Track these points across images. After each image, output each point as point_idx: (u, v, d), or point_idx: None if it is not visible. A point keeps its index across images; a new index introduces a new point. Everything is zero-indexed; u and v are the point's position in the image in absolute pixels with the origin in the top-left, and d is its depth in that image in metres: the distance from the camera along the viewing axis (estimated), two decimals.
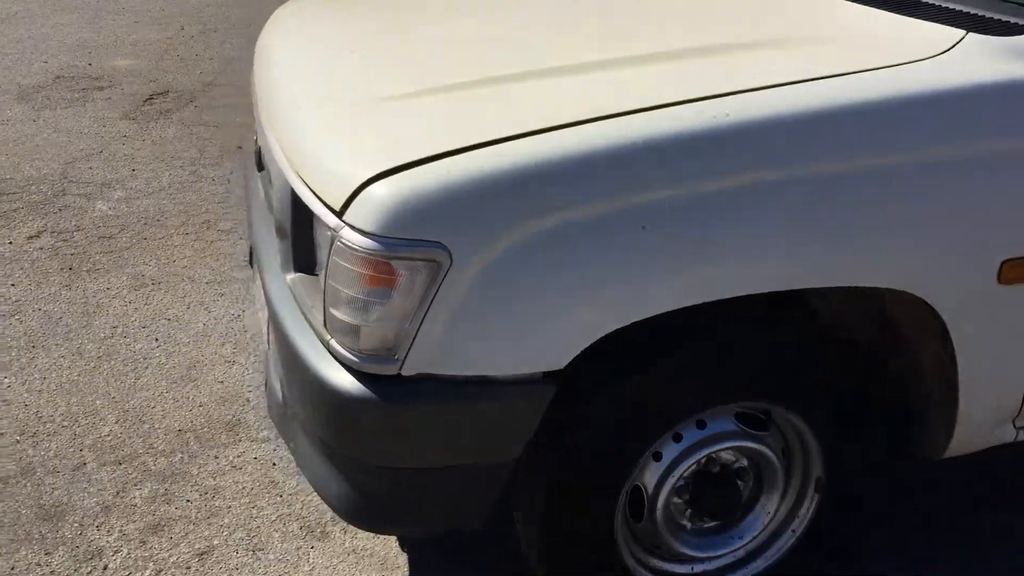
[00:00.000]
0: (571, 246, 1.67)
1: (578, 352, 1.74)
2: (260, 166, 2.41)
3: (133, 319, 3.37)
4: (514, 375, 1.75)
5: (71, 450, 2.73)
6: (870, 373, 2.03)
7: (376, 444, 1.81)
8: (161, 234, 4.00)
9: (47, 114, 5.33)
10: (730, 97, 1.75)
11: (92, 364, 3.11)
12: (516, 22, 2.32)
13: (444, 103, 1.89)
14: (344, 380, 1.76)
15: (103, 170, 4.61)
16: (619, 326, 1.73)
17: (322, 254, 1.91)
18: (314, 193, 1.82)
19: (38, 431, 2.80)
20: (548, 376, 1.76)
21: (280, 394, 2.08)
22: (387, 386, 1.75)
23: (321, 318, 1.81)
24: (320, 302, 1.85)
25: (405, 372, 1.73)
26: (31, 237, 3.94)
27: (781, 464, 2.09)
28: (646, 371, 1.86)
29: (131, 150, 4.86)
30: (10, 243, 3.89)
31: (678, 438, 1.98)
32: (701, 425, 1.99)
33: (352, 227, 1.68)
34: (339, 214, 1.71)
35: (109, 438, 2.77)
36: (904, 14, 1.97)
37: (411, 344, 1.71)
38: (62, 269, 3.70)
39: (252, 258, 2.74)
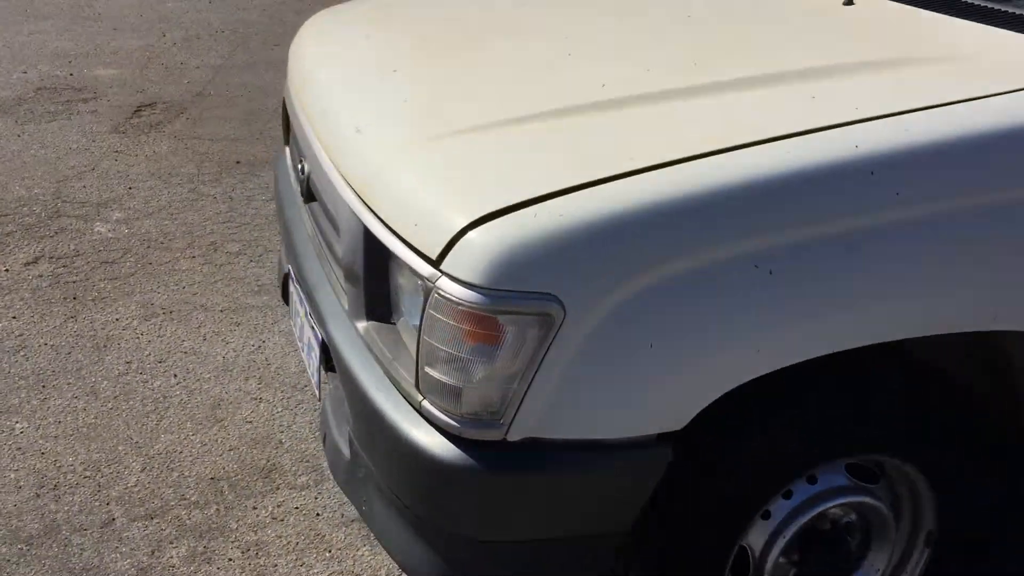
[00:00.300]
0: (696, 295, 1.51)
1: (699, 411, 1.58)
2: (308, 196, 2.21)
3: (147, 353, 3.15)
4: (629, 438, 1.58)
5: (97, 504, 2.51)
6: (985, 418, 1.88)
7: (475, 515, 1.64)
8: (167, 258, 3.78)
9: (31, 128, 5.08)
10: (862, 125, 1.60)
11: (109, 405, 2.89)
12: (594, 40, 2.13)
13: (537, 133, 1.71)
14: (440, 446, 1.59)
15: (98, 189, 4.37)
16: (747, 380, 1.57)
17: (404, 302, 1.74)
18: (399, 237, 1.63)
19: (59, 483, 2.58)
20: (663, 438, 1.60)
21: (347, 453, 1.89)
22: (490, 453, 1.57)
23: (410, 376, 1.63)
24: (405, 356, 1.67)
25: (511, 437, 1.56)
26: (28, 263, 3.70)
27: (892, 517, 1.94)
28: (761, 427, 1.71)
29: (124, 166, 4.62)
30: (6, 270, 3.65)
31: (788, 495, 1.82)
32: (812, 480, 1.83)
33: (452, 277, 1.50)
34: (435, 263, 1.52)
35: (136, 488, 2.56)
36: None
37: (518, 407, 1.53)
38: (65, 298, 3.47)
39: (285, 292, 2.54)
